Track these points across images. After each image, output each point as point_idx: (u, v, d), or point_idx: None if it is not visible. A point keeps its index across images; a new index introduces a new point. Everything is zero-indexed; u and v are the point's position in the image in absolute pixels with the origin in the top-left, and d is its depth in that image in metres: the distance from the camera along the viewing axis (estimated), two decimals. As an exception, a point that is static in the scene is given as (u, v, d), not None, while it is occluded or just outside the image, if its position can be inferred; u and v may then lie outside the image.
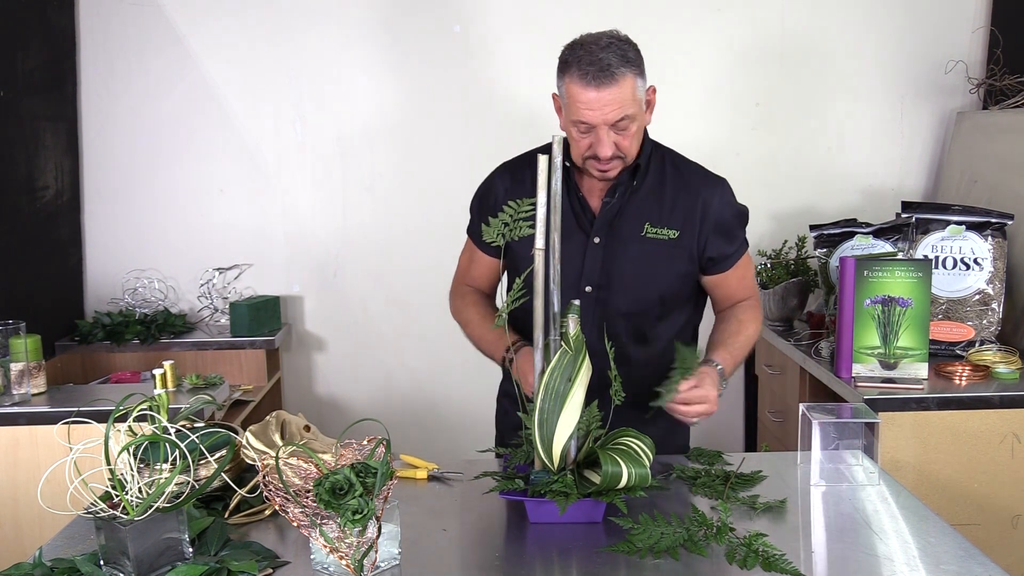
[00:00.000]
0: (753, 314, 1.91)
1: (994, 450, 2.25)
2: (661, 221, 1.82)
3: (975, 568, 1.32)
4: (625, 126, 1.70)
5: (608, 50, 1.66)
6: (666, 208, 1.82)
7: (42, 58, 2.97)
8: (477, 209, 1.96)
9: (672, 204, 1.82)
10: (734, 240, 1.89)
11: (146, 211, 3.29)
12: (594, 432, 1.54)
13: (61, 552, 1.39)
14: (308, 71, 3.26)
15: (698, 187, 1.85)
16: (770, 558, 1.32)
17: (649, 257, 1.82)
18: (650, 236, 1.81)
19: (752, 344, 1.90)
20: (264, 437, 1.55)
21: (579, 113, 1.68)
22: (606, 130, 1.69)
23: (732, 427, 3.45)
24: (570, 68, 1.68)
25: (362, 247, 3.34)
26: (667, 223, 1.82)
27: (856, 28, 3.26)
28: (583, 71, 1.66)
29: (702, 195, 1.83)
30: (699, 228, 1.83)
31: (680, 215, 1.82)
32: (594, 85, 1.65)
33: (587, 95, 1.66)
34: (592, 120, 1.68)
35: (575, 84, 1.67)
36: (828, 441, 1.72)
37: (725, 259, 1.87)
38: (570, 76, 1.68)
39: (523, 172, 1.88)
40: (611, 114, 1.67)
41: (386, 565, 1.33)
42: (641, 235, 1.81)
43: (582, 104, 1.67)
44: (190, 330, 3.23)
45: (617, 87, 1.65)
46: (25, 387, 2.37)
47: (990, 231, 2.59)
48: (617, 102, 1.66)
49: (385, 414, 3.29)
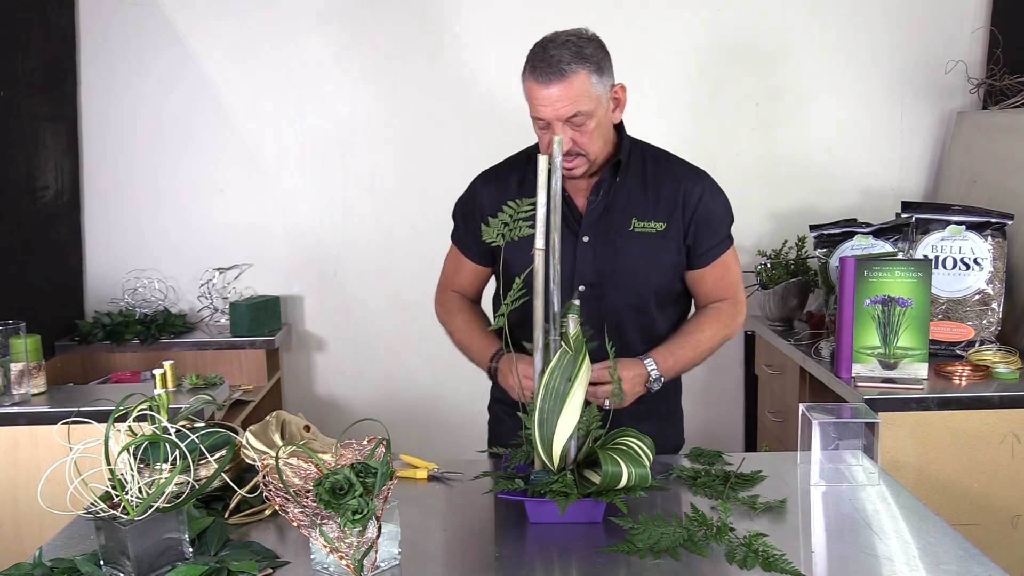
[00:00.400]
0: (717, 317, 1.90)
1: (994, 450, 2.25)
2: (647, 215, 1.83)
3: (975, 568, 1.32)
4: (581, 122, 1.72)
5: (563, 47, 1.70)
6: (651, 201, 1.84)
7: (42, 58, 2.97)
8: (461, 216, 1.97)
9: (656, 197, 1.84)
10: (715, 234, 1.88)
11: (146, 211, 3.29)
12: (594, 432, 1.54)
13: (61, 552, 1.39)
14: (308, 71, 3.26)
15: (680, 178, 1.86)
16: (770, 558, 1.32)
17: (639, 252, 1.83)
18: (638, 231, 1.83)
19: (709, 346, 1.88)
20: (264, 437, 1.55)
21: (535, 109, 1.74)
22: (561, 126, 1.72)
23: (732, 427, 3.45)
24: (527, 66, 1.74)
25: (362, 247, 3.34)
26: (653, 216, 1.83)
27: (856, 28, 3.26)
28: (535, 67, 1.71)
29: (684, 185, 1.85)
30: (683, 218, 1.84)
31: (665, 207, 1.84)
32: (544, 82, 1.69)
33: (540, 92, 1.71)
34: (545, 116, 1.72)
35: (530, 81, 1.73)
36: (828, 441, 1.72)
37: (705, 252, 1.87)
38: (526, 74, 1.74)
39: (505, 177, 1.90)
40: (563, 110, 1.70)
41: (386, 565, 1.33)
42: (629, 230, 1.83)
43: (536, 100, 1.72)
44: (190, 330, 3.23)
45: (567, 83, 1.68)
46: (25, 387, 2.37)
47: (990, 231, 2.59)
48: (568, 98, 1.69)
49: (385, 414, 3.29)
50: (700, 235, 1.86)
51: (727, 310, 1.91)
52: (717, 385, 3.42)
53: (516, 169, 1.92)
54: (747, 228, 3.33)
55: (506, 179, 1.90)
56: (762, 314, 3.14)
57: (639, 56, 3.23)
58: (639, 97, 3.28)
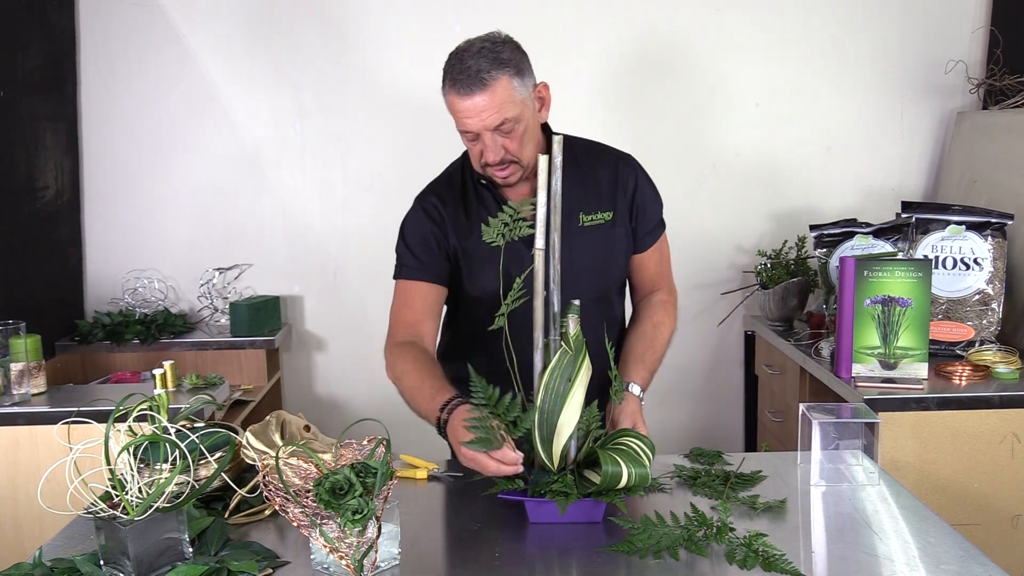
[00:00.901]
0: (666, 313, 1.89)
1: (994, 450, 2.25)
2: (592, 207, 1.82)
3: (975, 568, 1.32)
4: (509, 128, 1.68)
5: (479, 56, 1.65)
6: (591, 193, 1.83)
7: (42, 58, 2.97)
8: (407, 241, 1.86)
9: (596, 187, 1.83)
10: (652, 217, 1.89)
11: (146, 211, 3.29)
12: (594, 432, 1.54)
13: (61, 552, 1.39)
14: (308, 71, 3.26)
15: (614, 164, 1.86)
16: (770, 558, 1.32)
17: (594, 246, 1.82)
18: (587, 224, 1.82)
19: (667, 343, 1.87)
20: (264, 437, 1.55)
21: (460, 123, 1.69)
22: (490, 135, 1.68)
23: (732, 427, 3.45)
24: (446, 79, 1.68)
25: (362, 247, 3.34)
26: (598, 207, 1.83)
27: (856, 28, 3.26)
28: (454, 80, 1.66)
29: (619, 170, 1.85)
30: (625, 202, 1.85)
31: (607, 195, 1.83)
32: (466, 93, 1.64)
33: (463, 104, 1.65)
34: (473, 127, 1.67)
35: (451, 95, 1.67)
36: (828, 441, 1.72)
37: (645, 236, 1.88)
38: (447, 88, 1.68)
39: (444, 190, 1.86)
40: (489, 119, 1.66)
41: (386, 565, 1.34)
42: (578, 227, 1.81)
43: (461, 114, 1.67)
44: (190, 330, 3.23)
45: (489, 92, 1.64)
46: (25, 387, 2.37)
47: (990, 231, 2.59)
48: (493, 107, 1.65)
49: (385, 414, 3.26)
50: (640, 219, 1.87)
51: (670, 301, 1.93)
52: (717, 385, 3.42)
53: (453, 180, 1.88)
54: (747, 228, 3.33)
55: (445, 192, 1.86)
56: (762, 314, 3.14)
57: (638, 56, 3.23)
58: (639, 96, 3.29)
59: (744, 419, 3.44)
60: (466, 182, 1.86)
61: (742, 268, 3.33)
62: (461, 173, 1.88)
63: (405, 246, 1.86)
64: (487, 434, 1.43)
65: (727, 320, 3.33)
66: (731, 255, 3.33)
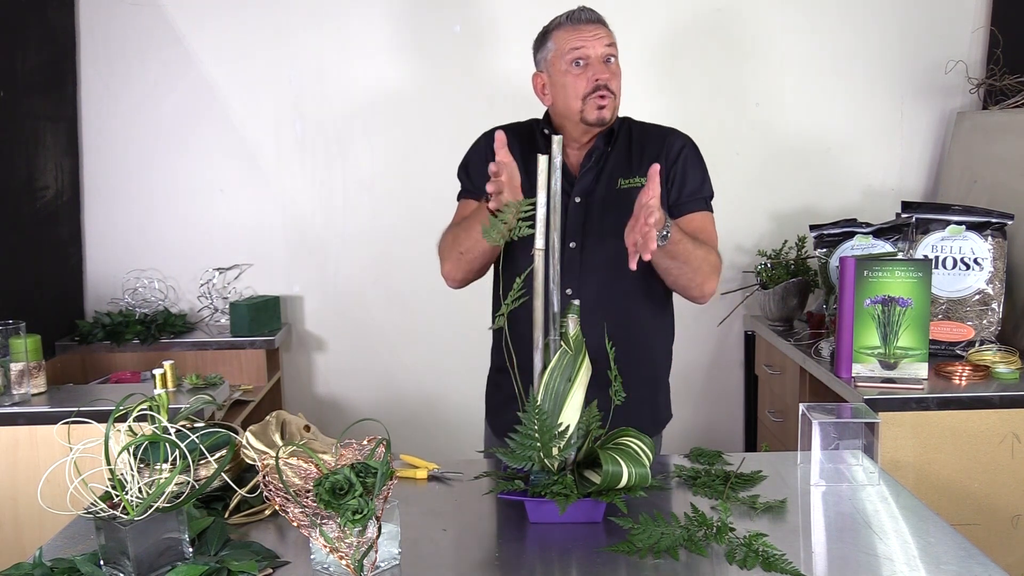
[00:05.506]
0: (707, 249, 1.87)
1: (994, 450, 2.25)
2: (631, 172, 1.93)
3: (975, 568, 1.32)
4: (614, 64, 1.88)
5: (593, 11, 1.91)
6: (635, 161, 1.94)
7: (42, 58, 2.97)
8: (469, 162, 2.03)
9: (640, 156, 1.94)
10: (690, 185, 1.93)
11: (146, 211, 3.30)
12: (594, 432, 1.54)
13: (61, 552, 1.39)
14: (308, 71, 3.26)
15: (664, 136, 1.98)
16: (770, 558, 1.32)
17: (625, 206, 1.81)
18: (623, 187, 1.91)
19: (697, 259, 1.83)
20: (264, 437, 1.55)
21: (575, 51, 1.85)
22: (599, 65, 1.86)
23: (732, 427, 3.45)
24: (556, 24, 1.89)
25: (362, 247, 3.34)
26: (636, 172, 1.92)
27: (856, 28, 3.26)
28: (573, 15, 1.87)
29: (667, 140, 1.96)
30: (664, 167, 1.91)
31: (648, 162, 1.84)
32: (588, 20, 1.87)
33: (581, 32, 1.86)
34: (588, 50, 1.85)
35: (566, 30, 1.87)
36: (828, 441, 1.72)
37: (681, 202, 1.92)
38: (558, 29, 1.88)
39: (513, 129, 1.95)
40: (605, 44, 1.86)
41: (386, 565, 1.33)
42: (616, 188, 1.91)
43: (578, 39, 1.85)
44: (190, 330, 3.23)
45: (604, 27, 1.89)
46: (25, 387, 2.37)
47: (990, 231, 2.59)
48: (607, 36, 1.88)
49: (385, 414, 3.29)
50: (677, 185, 1.93)
51: (712, 249, 1.90)
52: (717, 385, 3.42)
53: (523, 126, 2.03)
54: (747, 228, 3.33)
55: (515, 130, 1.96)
56: (762, 314, 3.14)
57: (638, 55, 3.23)
58: (639, 97, 3.29)
59: (744, 419, 3.44)
60: (534, 131, 2.00)
61: (742, 268, 3.33)
62: (530, 125, 2.03)
63: (465, 172, 2.03)
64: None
65: (727, 320, 3.33)
66: (731, 255, 3.33)
